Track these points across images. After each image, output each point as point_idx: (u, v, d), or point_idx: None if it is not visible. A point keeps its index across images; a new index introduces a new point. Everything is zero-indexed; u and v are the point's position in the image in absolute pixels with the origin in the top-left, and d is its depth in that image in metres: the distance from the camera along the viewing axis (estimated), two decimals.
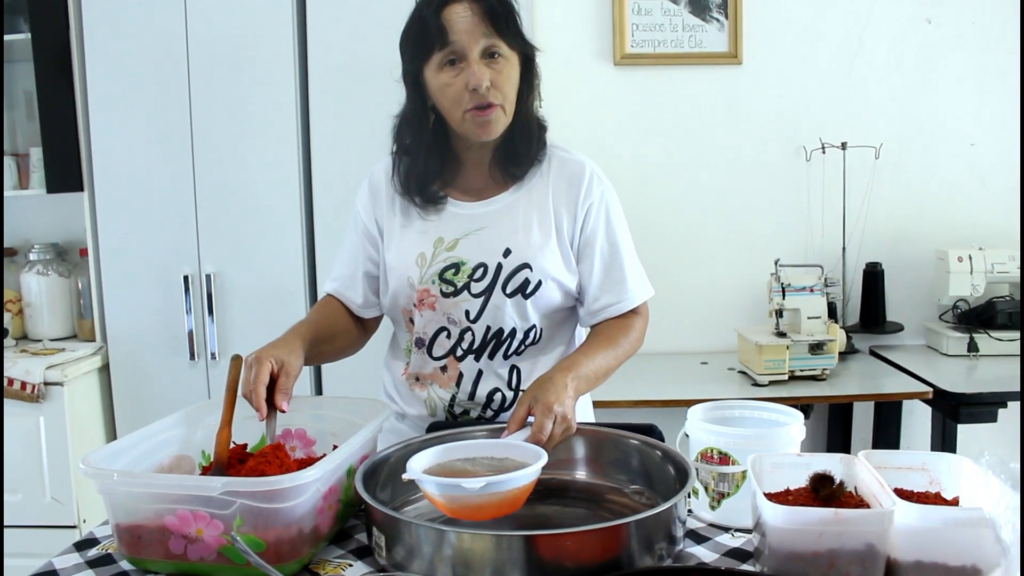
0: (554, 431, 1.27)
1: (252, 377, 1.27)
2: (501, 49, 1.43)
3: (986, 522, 0.96)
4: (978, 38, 3.06)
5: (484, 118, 1.44)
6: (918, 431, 3.09)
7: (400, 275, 1.53)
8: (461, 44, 1.40)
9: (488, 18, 1.41)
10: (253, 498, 1.06)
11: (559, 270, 1.52)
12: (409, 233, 1.54)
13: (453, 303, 1.51)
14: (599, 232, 1.54)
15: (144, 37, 2.62)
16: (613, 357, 1.49)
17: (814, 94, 3.08)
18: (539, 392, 1.32)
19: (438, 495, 1.10)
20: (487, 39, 1.41)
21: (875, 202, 3.11)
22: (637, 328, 1.57)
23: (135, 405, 2.74)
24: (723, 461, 1.26)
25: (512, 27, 1.44)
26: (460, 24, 1.40)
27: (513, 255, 1.50)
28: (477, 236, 1.51)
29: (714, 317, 3.12)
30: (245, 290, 2.71)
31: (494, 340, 1.53)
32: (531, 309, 1.52)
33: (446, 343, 1.54)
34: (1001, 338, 2.86)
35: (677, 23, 3.03)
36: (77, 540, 1.24)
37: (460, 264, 1.50)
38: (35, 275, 2.86)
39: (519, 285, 1.50)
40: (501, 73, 1.43)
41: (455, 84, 1.42)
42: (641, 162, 3.09)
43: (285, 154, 2.66)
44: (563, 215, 1.53)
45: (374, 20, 2.59)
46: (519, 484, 1.11)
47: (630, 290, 1.55)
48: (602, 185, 1.56)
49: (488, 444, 1.25)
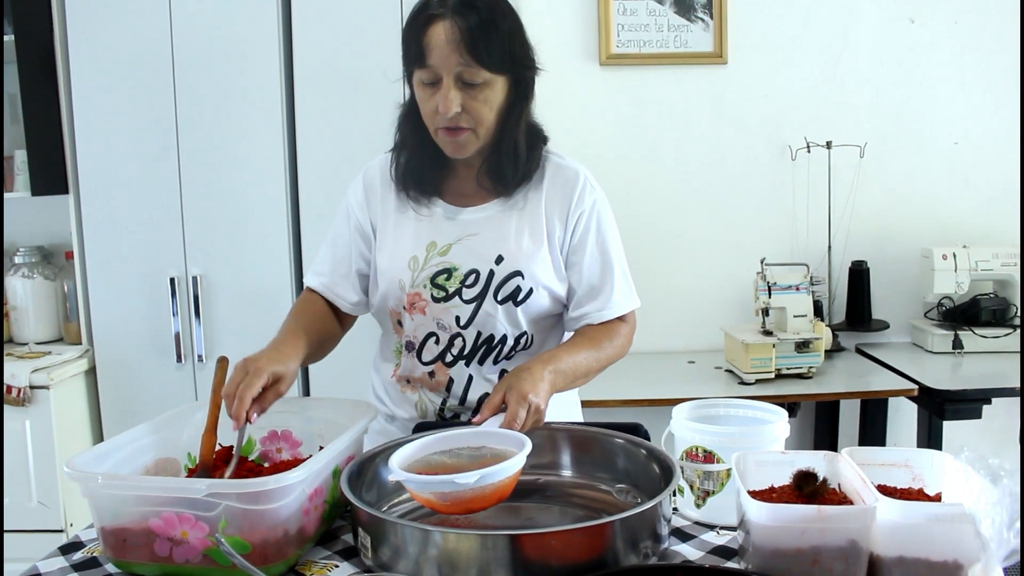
0: (526, 421, 1.28)
1: (243, 386, 1.24)
2: (478, 75, 1.39)
3: (966, 517, 0.97)
4: (961, 37, 3.08)
5: (453, 139, 1.43)
6: (904, 428, 3.11)
7: (391, 277, 1.52)
8: (436, 68, 1.38)
9: (466, 44, 1.36)
10: (238, 500, 1.06)
11: (550, 278, 1.52)
12: (402, 236, 1.53)
13: (443, 308, 1.51)
14: (589, 241, 1.54)
15: (129, 39, 2.62)
16: (595, 359, 1.49)
17: (799, 93, 3.10)
18: (515, 381, 1.32)
19: (429, 493, 1.09)
20: (462, 66, 1.37)
21: (860, 201, 3.12)
22: (622, 334, 1.57)
23: (122, 408, 2.74)
24: (708, 459, 1.26)
25: (493, 52, 1.38)
26: (437, 48, 1.37)
27: (505, 262, 1.49)
28: (469, 242, 1.51)
29: (700, 316, 3.13)
30: (232, 292, 2.70)
31: (485, 346, 1.53)
32: (522, 316, 1.52)
33: (435, 348, 1.54)
34: (985, 335, 2.88)
35: (662, 23, 3.04)
36: (62, 544, 1.23)
37: (452, 269, 1.50)
38: (20, 278, 2.85)
39: (510, 292, 1.50)
40: (476, 98, 1.40)
41: (429, 104, 1.42)
42: (627, 162, 3.10)
43: (271, 156, 2.65)
44: (555, 223, 1.52)
45: (359, 22, 2.60)
46: (510, 473, 1.11)
47: (614, 300, 1.54)
48: (595, 194, 1.55)
49: (463, 434, 1.25)
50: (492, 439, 1.23)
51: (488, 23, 1.38)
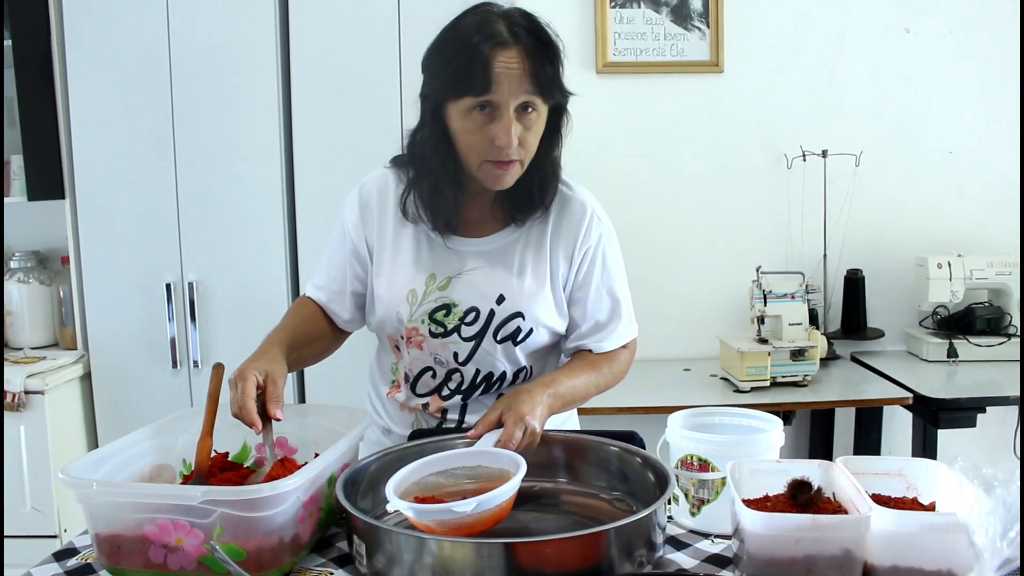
0: (521, 442, 1.28)
1: (240, 394, 1.23)
2: (536, 104, 1.34)
3: (960, 527, 0.97)
4: (956, 47, 3.09)
5: (501, 172, 1.37)
6: (899, 436, 3.11)
7: (389, 308, 1.48)
8: (500, 97, 1.31)
9: (533, 73, 1.31)
10: (233, 507, 1.05)
11: (551, 317, 1.50)
12: (400, 265, 1.48)
13: (441, 344, 1.48)
14: (594, 277, 1.51)
15: (126, 44, 2.62)
16: (594, 384, 1.50)
17: (795, 102, 3.11)
18: (514, 401, 1.32)
19: (428, 521, 1.09)
20: (527, 95, 1.32)
21: (855, 209, 3.13)
22: (623, 360, 1.56)
23: (117, 414, 2.73)
24: (703, 468, 1.27)
25: (555, 81, 1.35)
26: (505, 76, 1.30)
27: (507, 302, 1.46)
28: (470, 277, 1.47)
29: (696, 324, 3.14)
30: (228, 298, 2.70)
31: (484, 383, 1.51)
32: (520, 353, 1.50)
33: (431, 382, 1.52)
34: (980, 344, 2.89)
35: (659, 32, 3.05)
36: (56, 550, 1.23)
37: (452, 305, 1.47)
38: (16, 283, 2.85)
39: (510, 333, 1.47)
40: (531, 129, 1.36)
41: (480, 134, 1.34)
42: (623, 170, 3.10)
43: (268, 162, 2.65)
44: (560, 259, 1.49)
45: (357, 29, 2.60)
46: (506, 497, 1.12)
47: (616, 333, 1.54)
48: (601, 227, 1.52)
49: (459, 454, 1.25)
50: (487, 458, 1.23)
51: (550, 51, 1.35)
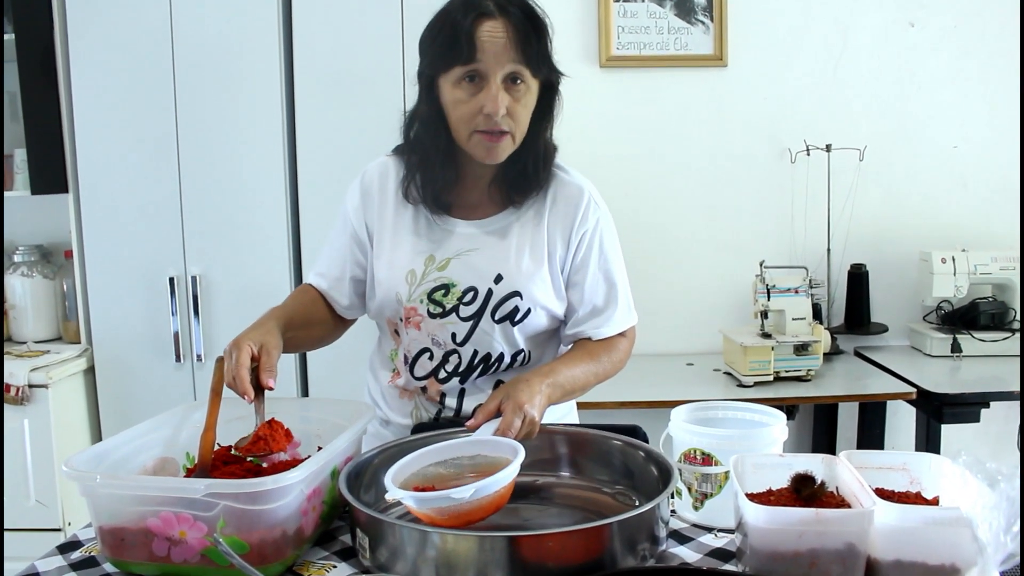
0: (520, 431, 1.28)
1: (234, 363, 1.25)
2: (524, 76, 1.37)
3: (964, 521, 0.97)
4: (960, 42, 3.08)
5: (492, 144, 1.39)
6: (902, 431, 3.11)
7: (388, 289, 1.49)
8: (486, 66, 1.34)
9: (519, 43, 1.34)
10: (236, 500, 1.06)
11: (549, 298, 1.50)
12: (400, 247, 1.50)
13: (439, 324, 1.48)
14: (591, 261, 1.52)
15: (129, 38, 2.61)
16: (593, 374, 1.49)
17: (799, 96, 3.10)
18: (513, 390, 1.32)
19: (427, 509, 1.09)
20: (513, 64, 1.35)
21: (859, 204, 3.13)
22: (621, 349, 1.56)
23: (120, 407, 2.73)
24: (706, 462, 1.26)
25: (542, 54, 1.38)
26: (490, 44, 1.33)
27: (504, 282, 1.47)
28: (469, 257, 1.48)
29: (699, 318, 3.14)
30: (231, 292, 2.70)
31: (482, 364, 1.51)
32: (518, 335, 1.50)
33: (428, 364, 1.52)
34: (984, 339, 2.88)
35: (663, 25, 3.04)
36: (60, 543, 1.23)
37: (450, 285, 1.48)
38: (19, 277, 2.85)
39: (508, 312, 1.48)
40: (519, 101, 1.38)
41: (470, 103, 1.37)
42: (626, 164, 3.09)
43: (271, 155, 2.65)
44: (557, 241, 1.50)
45: (360, 23, 2.60)
46: (505, 483, 1.11)
47: (613, 319, 1.54)
48: (598, 211, 1.53)
49: (458, 444, 1.25)
50: (486, 447, 1.23)
51: (536, 24, 1.38)
